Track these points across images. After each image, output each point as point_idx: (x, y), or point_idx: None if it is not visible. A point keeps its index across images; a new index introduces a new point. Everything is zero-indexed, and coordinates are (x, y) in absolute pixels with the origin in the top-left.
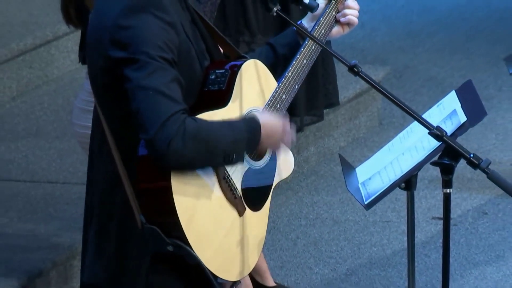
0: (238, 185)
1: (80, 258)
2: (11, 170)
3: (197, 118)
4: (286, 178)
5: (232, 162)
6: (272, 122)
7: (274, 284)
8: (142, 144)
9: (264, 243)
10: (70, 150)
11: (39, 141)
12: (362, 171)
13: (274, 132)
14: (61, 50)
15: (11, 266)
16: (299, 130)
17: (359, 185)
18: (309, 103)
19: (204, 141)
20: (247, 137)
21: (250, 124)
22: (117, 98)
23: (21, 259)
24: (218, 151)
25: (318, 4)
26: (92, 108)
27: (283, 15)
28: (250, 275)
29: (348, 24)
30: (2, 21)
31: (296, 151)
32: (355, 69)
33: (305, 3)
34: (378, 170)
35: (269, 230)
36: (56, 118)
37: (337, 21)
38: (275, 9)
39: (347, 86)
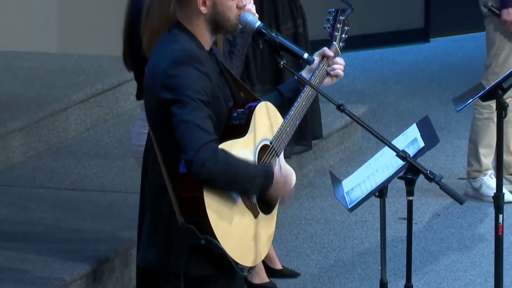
0: (254, 196)
1: (136, 249)
2: (85, 183)
3: (227, 152)
4: None
5: (246, 194)
6: (281, 179)
7: (280, 267)
8: (182, 164)
9: (273, 238)
10: (129, 168)
11: (106, 161)
12: (347, 183)
13: (281, 187)
14: (123, 93)
15: (85, 254)
16: (286, 157)
17: (344, 194)
18: (299, 136)
19: (230, 170)
20: (261, 183)
21: (266, 174)
22: (165, 128)
23: (92, 249)
24: (238, 182)
25: (314, 59)
26: (145, 130)
27: (288, 68)
28: (263, 261)
29: (336, 75)
30: (79, 72)
31: (298, 168)
32: (341, 107)
33: (304, 58)
34: (359, 183)
35: (277, 227)
36: (119, 144)
37: (328, 73)
38: (282, 62)
39: (335, 120)
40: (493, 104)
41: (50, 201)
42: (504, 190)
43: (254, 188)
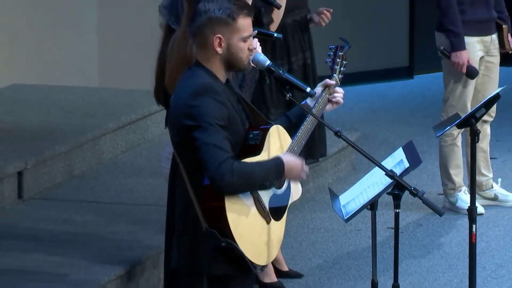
0: (266, 204)
1: (164, 253)
2: (121, 197)
3: (241, 161)
4: (296, 201)
5: (266, 188)
6: (292, 161)
7: (287, 269)
8: (206, 178)
9: (281, 243)
10: (158, 185)
11: (139, 179)
12: (343, 198)
13: (294, 168)
14: (153, 121)
15: (120, 258)
16: None
17: (341, 207)
18: (308, 155)
19: (246, 176)
20: (274, 172)
21: (276, 163)
22: (188, 150)
23: (126, 254)
24: (255, 182)
25: (315, 92)
26: (171, 156)
27: (293, 100)
28: (272, 263)
29: (337, 102)
30: (116, 103)
31: (302, 185)
32: (338, 133)
33: (307, 92)
34: (353, 197)
35: (284, 235)
36: (149, 164)
37: (329, 101)
38: (288, 95)
39: (333, 144)
40: (454, 132)
41: (91, 213)
42: (477, 204)
43: (270, 181)
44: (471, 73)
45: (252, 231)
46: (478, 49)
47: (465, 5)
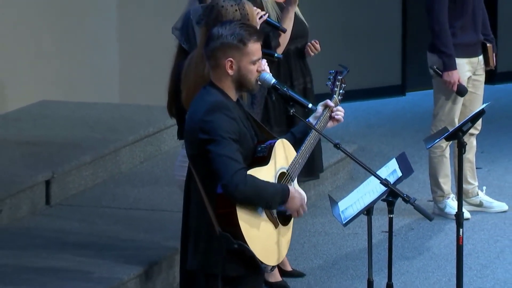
0: (275, 211)
1: (179, 254)
2: (139, 204)
3: (255, 176)
4: None
5: (270, 208)
6: (297, 194)
7: (290, 269)
8: (219, 187)
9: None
10: (173, 192)
11: (156, 187)
12: (342, 204)
13: (296, 201)
14: (168, 134)
15: (139, 259)
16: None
17: (340, 212)
18: (308, 173)
19: (256, 189)
20: (280, 195)
21: (283, 188)
22: (203, 161)
23: (145, 255)
24: (263, 197)
25: (316, 108)
26: (185, 164)
27: (297, 115)
28: None
29: (338, 120)
30: (135, 118)
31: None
32: (337, 145)
33: (309, 108)
34: (351, 204)
35: None
36: (165, 174)
37: (330, 118)
38: (292, 111)
39: (333, 155)
40: (443, 144)
41: (113, 218)
42: (463, 210)
43: (275, 203)
44: (461, 91)
45: (262, 234)
46: (467, 69)
47: (456, 29)
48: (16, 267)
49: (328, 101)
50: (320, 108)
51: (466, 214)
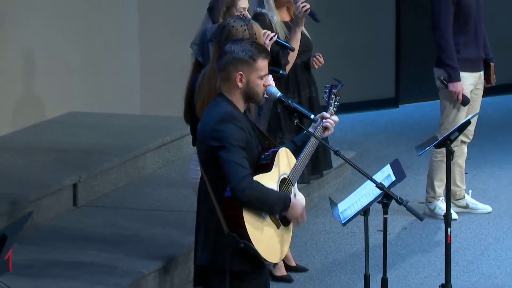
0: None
1: (193, 251)
2: (158, 205)
3: (260, 183)
4: None
5: (272, 213)
6: (298, 204)
7: (294, 264)
8: (227, 190)
9: (289, 243)
10: (188, 195)
11: (173, 190)
12: (341, 205)
13: (296, 210)
14: (185, 142)
15: (158, 255)
16: (306, 182)
17: (339, 213)
18: (313, 171)
19: (261, 195)
20: (282, 203)
21: (286, 196)
22: (213, 167)
23: (163, 251)
24: (266, 203)
25: (318, 119)
26: (198, 168)
27: (300, 125)
28: (282, 259)
29: (326, 128)
30: (154, 127)
31: (307, 195)
32: (337, 152)
33: (311, 118)
34: (349, 205)
35: (291, 237)
36: (182, 178)
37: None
38: (295, 121)
39: (333, 161)
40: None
41: (134, 218)
42: (451, 211)
43: (277, 209)
44: (465, 101)
45: (265, 235)
46: (470, 82)
47: (459, 45)
48: (46, 262)
49: (324, 113)
50: (319, 118)
51: (454, 215)
